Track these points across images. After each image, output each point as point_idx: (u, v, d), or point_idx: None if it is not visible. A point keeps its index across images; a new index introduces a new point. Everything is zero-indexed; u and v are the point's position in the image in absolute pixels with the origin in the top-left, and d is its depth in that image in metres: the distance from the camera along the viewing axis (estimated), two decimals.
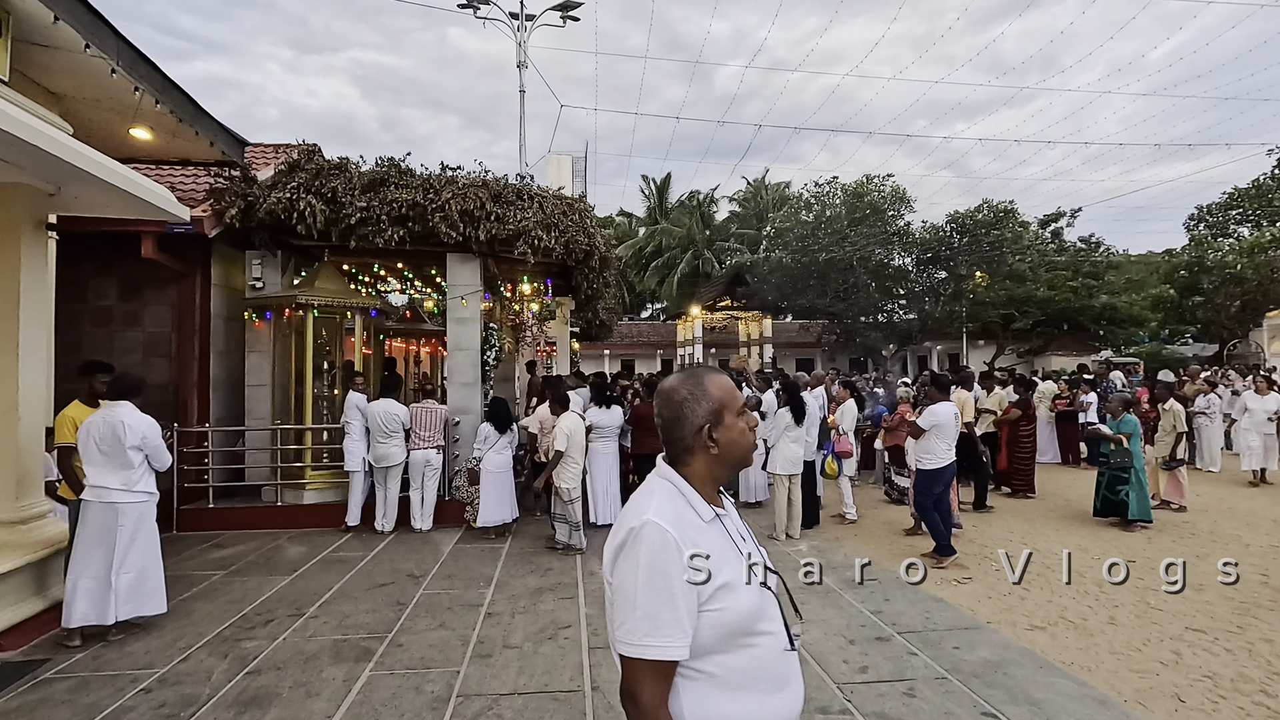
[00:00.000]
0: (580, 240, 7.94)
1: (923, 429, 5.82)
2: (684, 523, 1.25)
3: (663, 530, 1.20)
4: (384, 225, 7.47)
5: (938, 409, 5.82)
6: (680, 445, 1.35)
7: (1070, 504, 8.36)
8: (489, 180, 7.93)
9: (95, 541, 4.29)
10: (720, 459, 1.36)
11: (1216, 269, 24.81)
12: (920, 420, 5.89)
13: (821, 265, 24.76)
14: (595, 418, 7.26)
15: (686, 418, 1.34)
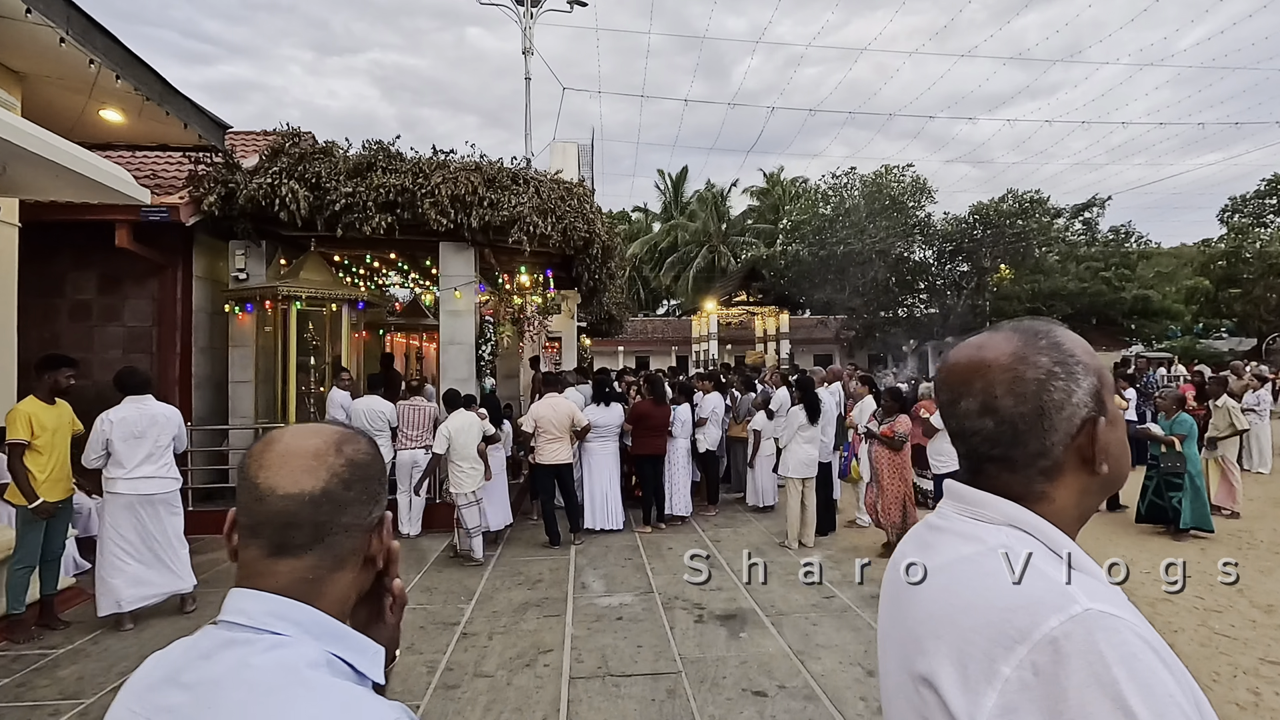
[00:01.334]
0: (579, 227, 7.45)
1: (936, 427, 5.25)
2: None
3: (1128, 626, 0.64)
4: (371, 212, 7.04)
5: None
6: (1042, 461, 0.76)
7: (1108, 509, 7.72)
8: (482, 164, 7.47)
9: (130, 528, 4.52)
10: (1108, 481, 0.79)
11: (1256, 259, 23.73)
12: (934, 418, 5.33)
13: (839, 258, 24.08)
14: (594, 416, 6.78)
15: (1055, 411, 0.75)
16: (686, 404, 7.27)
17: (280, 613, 0.69)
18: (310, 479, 0.72)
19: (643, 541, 6.47)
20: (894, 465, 5.66)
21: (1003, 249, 23.59)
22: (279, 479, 0.72)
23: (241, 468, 0.76)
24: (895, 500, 5.59)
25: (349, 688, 0.67)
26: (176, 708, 0.65)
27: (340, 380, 6.81)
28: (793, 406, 6.12)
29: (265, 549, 0.71)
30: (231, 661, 0.66)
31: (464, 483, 5.89)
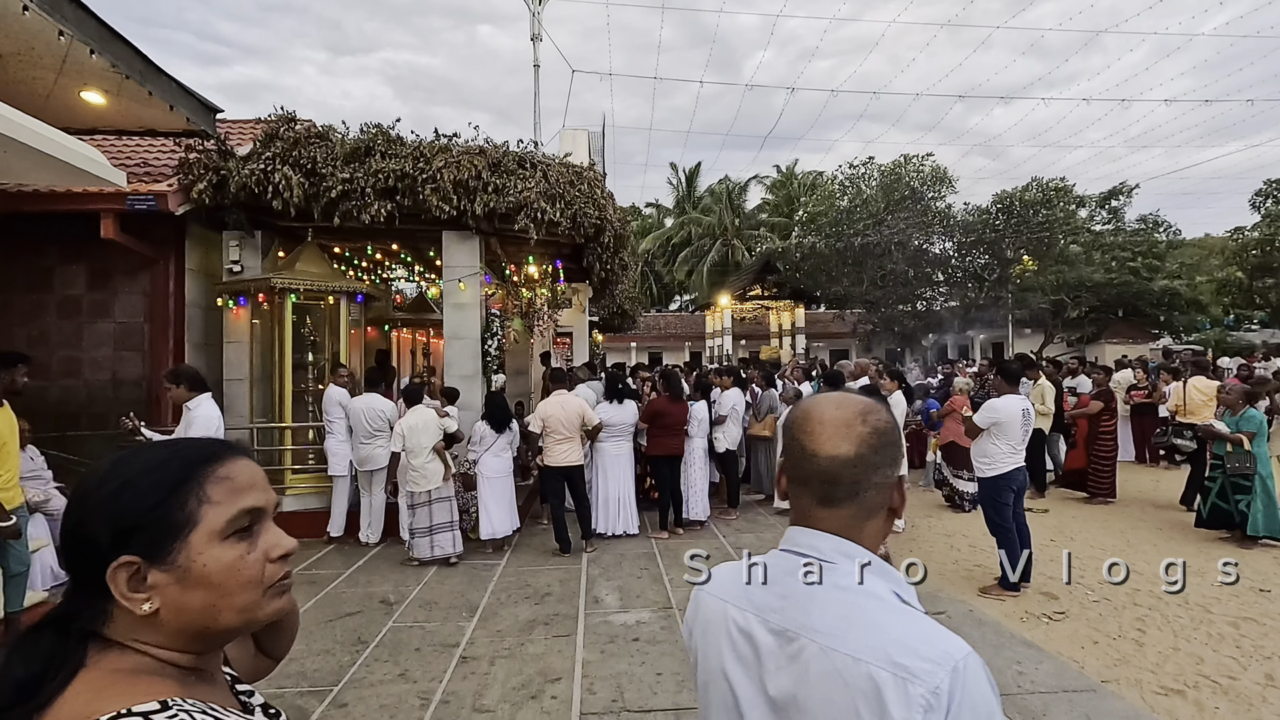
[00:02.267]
0: (589, 213, 7.01)
1: (979, 427, 4.76)
2: None
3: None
4: (369, 199, 6.64)
5: (998, 404, 4.73)
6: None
7: (1159, 511, 7.20)
8: (486, 148, 7.05)
9: None
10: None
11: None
12: (977, 417, 4.83)
13: (857, 250, 23.47)
14: (606, 414, 6.36)
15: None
16: (704, 401, 6.83)
17: (845, 551, 0.88)
18: (846, 445, 0.87)
19: (659, 548, 6.04)
20: None
21: (1026, 239, 22.86)
22: (820, 444, 0.88)
23: (788, 428, 0.94)
24: None
25: (924, 617, 0.86)
26: (781, 608, 0.89)
27: (338, 377, 6.42)
28: None
29: (815, 499, 0.90)
30: (824, 581, 0.87)
31: (417, 482, 5.65)
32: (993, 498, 4.69)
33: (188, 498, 0.71)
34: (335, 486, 6.34)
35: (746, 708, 0.89)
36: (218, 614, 0.71)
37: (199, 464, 0.73)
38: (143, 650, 0.69)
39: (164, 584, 0.69)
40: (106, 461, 0.73)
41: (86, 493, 0.71)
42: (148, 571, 0.68)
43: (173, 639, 0.70)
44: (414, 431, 5.67)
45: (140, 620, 0.68)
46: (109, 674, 0.67)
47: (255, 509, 0.75)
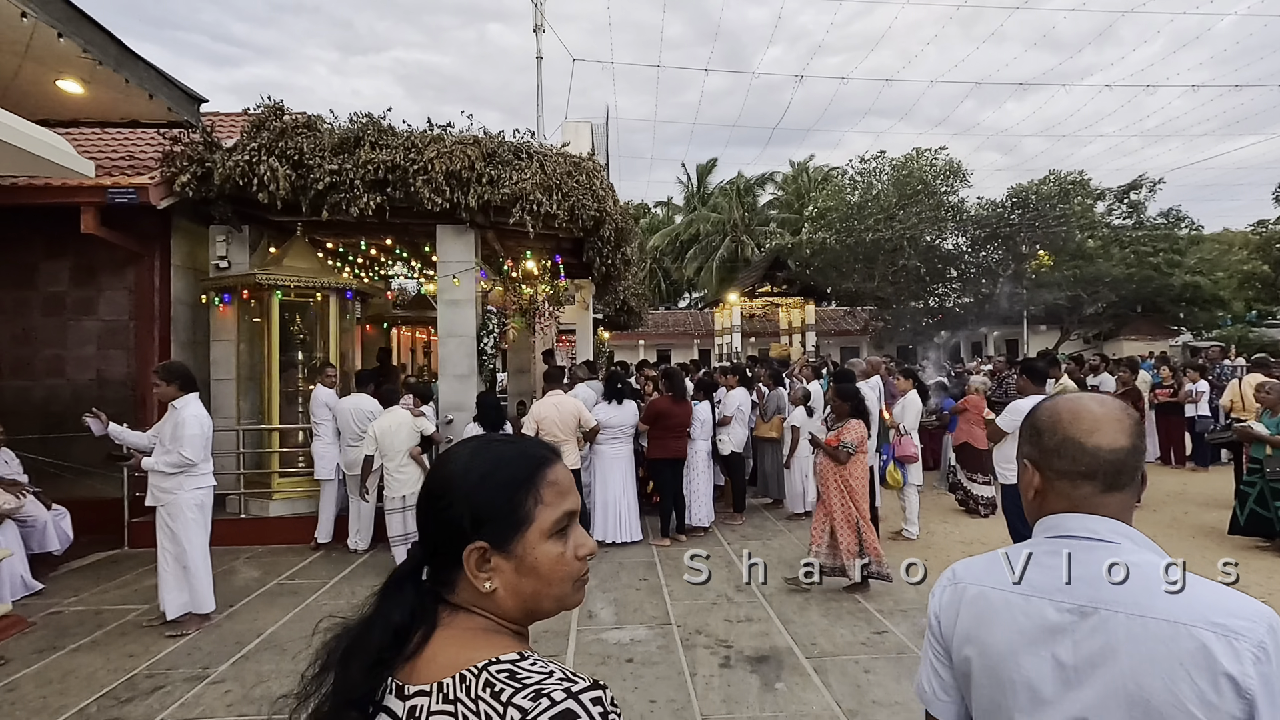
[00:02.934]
0: (588, 205, 6.71)
1: (1003, 430, 4.42)
2: None
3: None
4: (358, 191, 6.38)
5: (1024, 404, 4.35)
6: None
7: (1190, 515, 6.82)
8: (481, 137, 6.77)
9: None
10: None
11: None
12: (1001, 419, 4.48)
13: (868, 246, 23.03)
14: (605, 415, 6.06)
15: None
16: (707, 402, 6.52)
17: (1120, 531, 0.98)
18: (1123, 437, 0.99)
19: (660, 556, 5.74)
20: (841, 482, 4.80)
21: (1042, 234, 22.34)
22: (1102, 439, 0.99)
23: (1054, 429, 1.03)
24: (847, 525, 4.76)
25: (1215, 583, 0.94)
26: (1069, 589, 0.96)
27: (324, 377, 6.16)
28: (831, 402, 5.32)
29: (1100, 487, 0.99)
30: (1117, 560, 0.94)
31: (391, 486, 5.45)
32: (1018, 507, 4.35)
33: (528, 497, 0.80)
34: (323, 491, 6.09)
35: (1040, 684, 0.94)
36: (540, 600, 0.81)
37: (537, 467, 0.83)
38: (485, 616, 0.80)
39: (503, 569, 0.79)
40: (464, 452, 0.84)
41: (452, 480, 0.81)
42: (492, 556, 0.78)
43: (503, 613, 0.80)
44: (387, 434, 5.42)
45: (481, 593, 0.78)
46: (466, 631, 0.78)
47: (571, 512, 0.84)
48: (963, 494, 7.11)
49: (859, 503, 4.76)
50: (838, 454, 4.75)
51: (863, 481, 4.83)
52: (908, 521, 6.17)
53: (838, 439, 4.79)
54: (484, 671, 0.71)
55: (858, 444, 4.78)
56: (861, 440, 4.82)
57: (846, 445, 4.75)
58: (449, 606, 0.80)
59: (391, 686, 0.76)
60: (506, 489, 0.80)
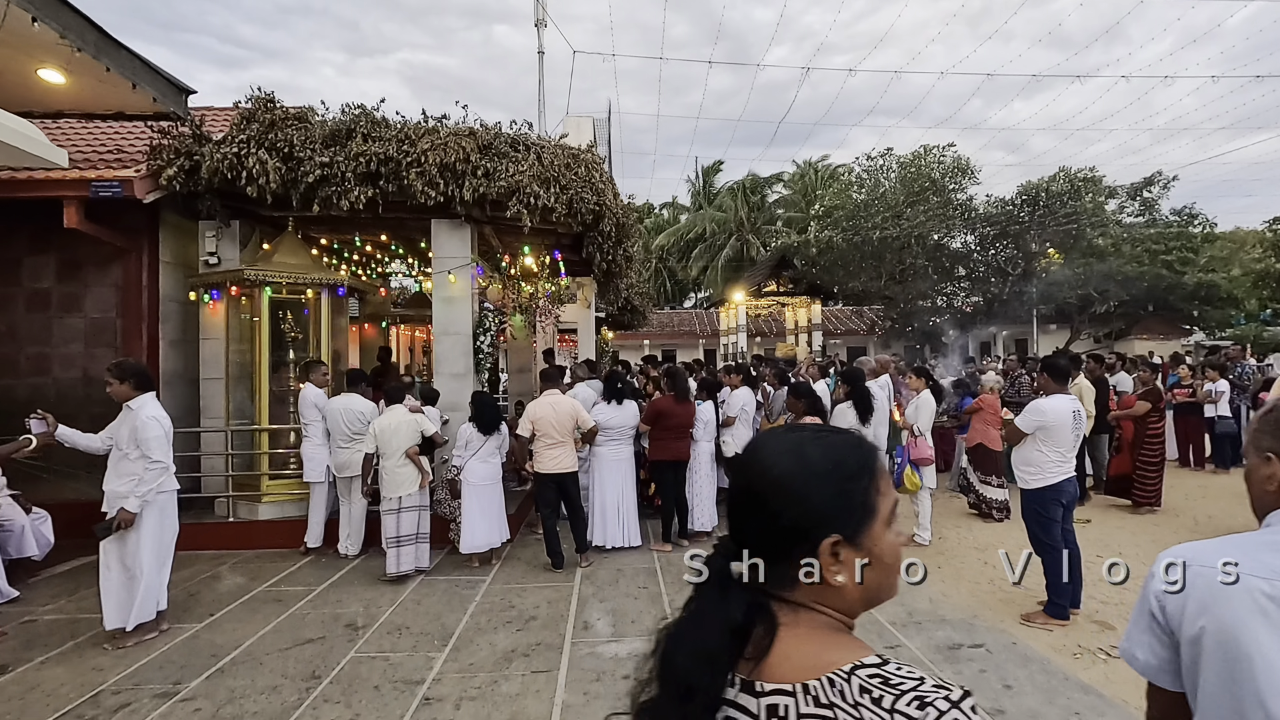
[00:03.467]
0: (587, 198, 6.49)
1: (1023, 431, 4.17)
2: None
3: None
4: (349, 184, 6.18)
5: (1046, 404, 4.13)
6: None
7: (1212, 520, 6.55)
8: (476, 129, 6.56)
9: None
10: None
11: None
12: (1020, 420, 4.24)
13: (875, 244, 22.76)
14: (604, 416, 5.84)
15: None
16: (710, 402, 6.28)
17: None
18: None
19: (661, 563, 5.52)
20: None
21: (1052, 231, 22.02)
22: None
23: None
24: None
25: None
26: None
27: (314, 376, 5.96)
28: (839, 403, 5.09)
29: None
30: None
31: (388, 486, 5.30)
32: (1039, 512, 4.11)
33: (870, 488, 0.82)
34: (312, 494, 5.88)
35: None
36: (881, 590, 0.82)
37: (871, 457, 0.84)
38: (826, 613, 0.80)
39: (853, 561, 0.79)
40: (786, 449, 0.83)
41: (788, 478, 0.80)
42: (842, 549, 0.78)
43: (848, 605, 0.81)
44: (386, 432, 5.25)
45: (826, 588, 0.79)
46: (815, 630, 0.79)
47: (896, 500, 0.85)
48: (975, 497, 6.85)
49: None
50: None
51: None
52: (920, 527, 5.92)
53: None
54: (854, 675, 0.72)
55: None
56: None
57: None
58: (785, 605, 0.80)
59: (736, 682, 0.77)
60: (852, 481, 0.80)
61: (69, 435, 4.00)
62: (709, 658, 0.77)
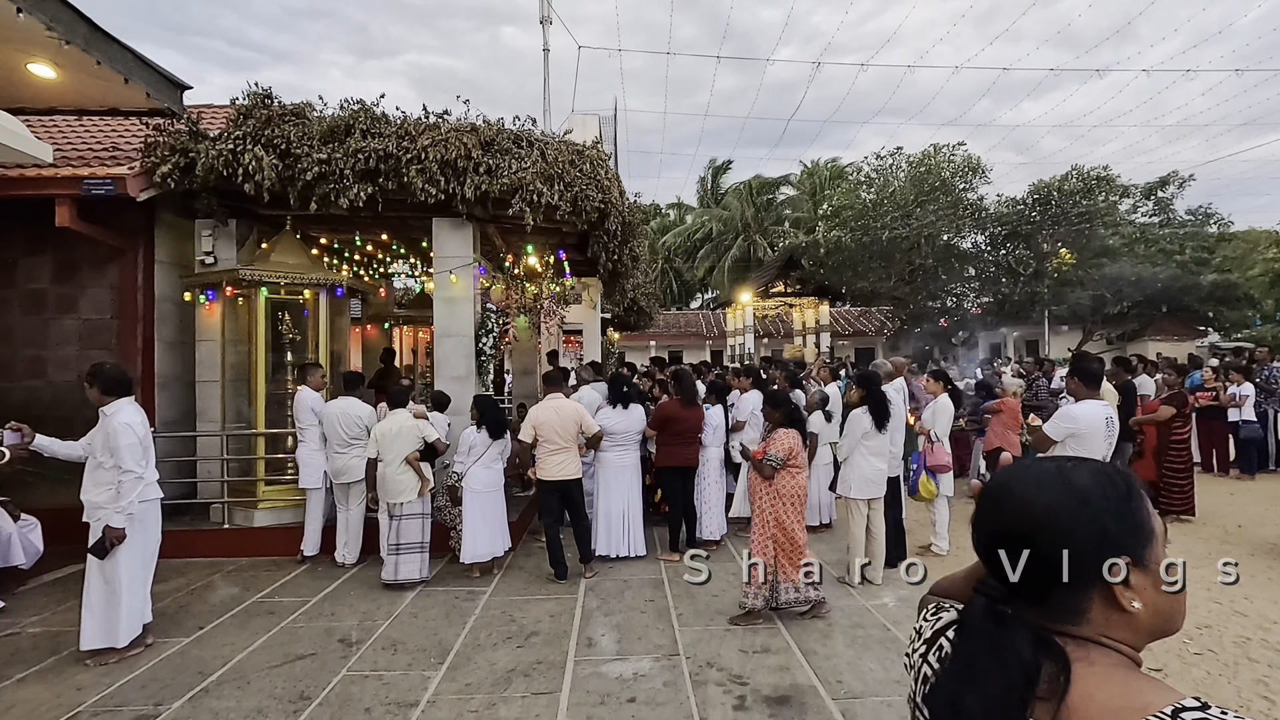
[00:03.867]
0: (592, 195, 6.30)
1: (1051, 439, 3.94)
2: None
3: None
4: (348, 182, 6.02)
5: (1078, 410, 3.88)
6: None
7: (1245, 530, 6.30)
8: (478, 125, 6.38)
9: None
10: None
11: None
12: (1049, 426, 4.00)
13: (885, 244, 22.50)
14: (609, 420, 5.64)
15: None
16: (719, 405, 6.08)
17: None
18: None
19: (668, 574, 5.31)
20: (769, 498, 4.35)
21: (1064, 231, 21.72)
22: None
23: None
24: (761, 541, 4.37)
25: None
26: None
27: (310, 379, 5.79)
28: (854, 408, 4.87)
29: None
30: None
31: (388, 492, 5.18)
32: None
33: (1145, 507, 0.80)
34: (309, 500, 5.71)
35: None
36: (1173, 617, 0.78)
37: (1133, 477, 0.82)
38: (1116, 647, 0.77)
39: (1144, 586, 0.76)
40: (1054, 476, 0.81)
41: (1066, 506, 0.77)
42: (1133, 573, 0.75)
43: (1137, 638, 0.78)
44: (387, 436, 5.09)
45: (1115, 618, 0.76)
46: (1111, 669, 0.75)
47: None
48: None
49: (786, 524, 4.29)
50: (763, 466, 4.31)
51: (792, 500, 4.33)
52: (937, 535, 5.71)
53: (763, 451, 4.35)
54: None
55: (785, 456, 4.30)
56: (790, 453, 4.33)
57: (771, 458, 4.29)
58: (1072, 640, 0.77)
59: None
60: (1129, 501, 0.79)
61: (47, 444, 3.83)
62: (1006, 702, 0.73)
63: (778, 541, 4.30)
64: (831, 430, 6.43)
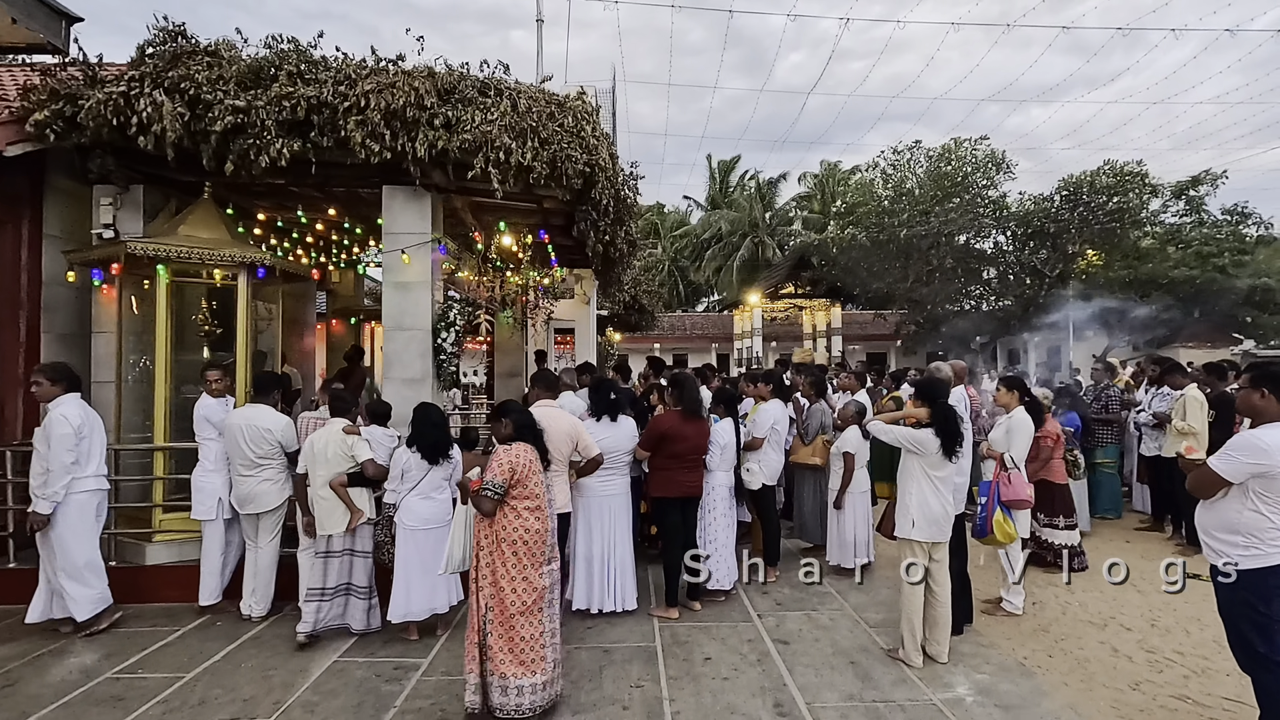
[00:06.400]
0: (575, 156, 5.08)
1: (1225, 480, 2.66)
2: None
3: None
4: (270, 135, 4.82)
5: (1268, 438, 2.58)
6: None
7: None
8: (437, 70, 5.18)
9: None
10: None
11: None
12: (1220, 461, 2.68)
13: (901, 243, 21.31)
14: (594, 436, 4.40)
15: None
16: (729, 419, 4.83)
17: None
18: None
19: (664, 638, 4.08)
20: (487, 546, 3.15)
21: (1094, 230, 20.46)
22: None
23: None
24: (473, 608, 3.17)
25: None
26: None
27: (209, 384, 4.57)
28: (921, 429, 3.62)
29: None
30: None
31: (319, 521, 4.07)
32: (1252, 607, 2.63)
33: None
34: (205, 535, 4.49)
35: None
36: None
37: None
38: None
39: None
40: None
41: None
42: None
43: None
44: (317, 452, 4.03)
45: None
46: None
47: None
48: (1034, 543, 5.26)
49: (503, 588, 3.05)
50: (479, 500, 3.05)
51: (518, 550, 3.06)
52: (1009, 591, 4.46)
53: (480, 478, 3.08)
54: None
55: (505, 481, 3.03)
56: (515, 477, 3.05)
57: (489, 485, 3.01)
58: None
59: None
60: None
61: None
62: None
63: (493, 610, 3.05)
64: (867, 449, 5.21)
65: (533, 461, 3.14)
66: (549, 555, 3.18)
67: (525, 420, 3.32)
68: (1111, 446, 6.88)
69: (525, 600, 3.04)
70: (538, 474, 3.15)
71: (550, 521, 3.20)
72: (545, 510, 3.16)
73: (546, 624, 3.11)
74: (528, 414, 3.40)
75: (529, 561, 3.08)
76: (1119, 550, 5.98)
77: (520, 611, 3.02)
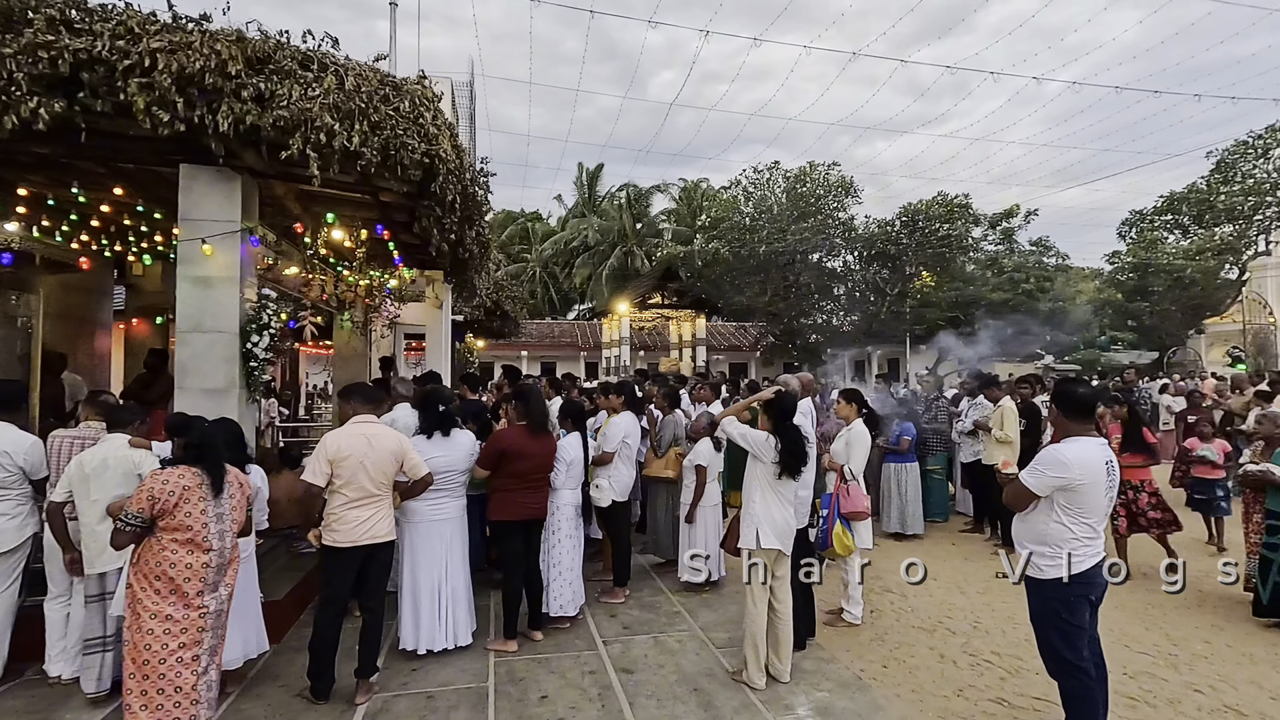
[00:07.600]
0: (412, 145, 4.61)
1: (1035, 493, 2.78)
2: None
3: None
4: (21, 91, 3.95)
5: (1069, 453, 2.70)
6: None
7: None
8: (248, 35, 4.51)
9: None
10: None
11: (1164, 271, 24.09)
12: (1029, 475, 2.78)
13: (761, 259, 22.38)
14: (424, 454, 3.94)
15: None
16: (576, 434, 4.56)
17: None
18: None
19: (498, 676, 3.71)
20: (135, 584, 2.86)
21: (926, 254, 22.63)
22: None
23: None
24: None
25: None
26: None
27: None
28: (766, 438, 3.54)
29: None
30: None
31: (91, 557, 3.41)
32: (1059, 615, 2.73)
33: None
34: None
35: None
36: None
37: None
38: None
39: None
40: None
41: None
42: None
43: None
44: (96, 471, 3.35)
45: None
46: None
47: None
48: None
49: (134, 642, 2.74)
50: (114, 531, 2.81)
51: (170, 584, 2.74)
52: (849, 600, 4.52)
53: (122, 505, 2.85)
54: None
55: (143, 512, 2.70)
56: (157, 503, 2.71)
57: (126, 516, 2.72)
58: None
59: None
60: None
61: None
62: None
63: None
64: (720, 461, 5.15)
65: (189, 489, 2.76)
66: (209, 586, 2.82)
67: (203, 440, 2.90)
68: (940, 454, 7.39)
69: (168, 645, 2.68)
70: (198, 502, 2.79)
71: (214, 557, 2.83)
72: (206, 544, 2.80)
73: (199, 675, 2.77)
74: (207, 433, 3.00)
75: (177, 599, 2.73)
76: (946, 552, 6.36)
77: (161, 659, 2.66)
